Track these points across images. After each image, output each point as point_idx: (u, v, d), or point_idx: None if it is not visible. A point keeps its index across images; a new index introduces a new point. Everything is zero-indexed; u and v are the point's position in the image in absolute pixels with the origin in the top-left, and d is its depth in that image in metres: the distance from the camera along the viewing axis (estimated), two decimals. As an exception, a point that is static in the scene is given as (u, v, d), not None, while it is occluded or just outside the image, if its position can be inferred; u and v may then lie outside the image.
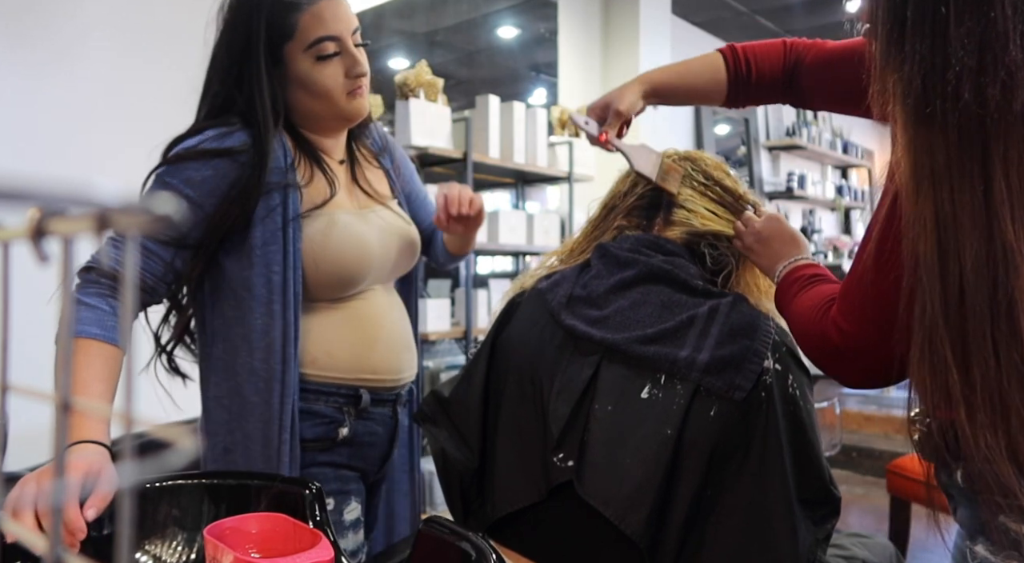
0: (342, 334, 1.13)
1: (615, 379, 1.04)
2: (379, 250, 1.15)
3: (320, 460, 1.12)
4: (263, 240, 1.06)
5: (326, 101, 1.12)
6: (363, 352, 1.14)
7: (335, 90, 1.11)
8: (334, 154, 1.20)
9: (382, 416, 1.19)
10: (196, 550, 0.90)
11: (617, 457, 1.02)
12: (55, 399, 0.22)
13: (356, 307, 1.15)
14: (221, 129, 1.07)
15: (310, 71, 1.10)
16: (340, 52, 1.10)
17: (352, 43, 1.11)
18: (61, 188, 0.20)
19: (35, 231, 0.21)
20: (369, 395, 1.15)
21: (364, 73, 1.12)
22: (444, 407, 1.19)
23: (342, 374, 1.13)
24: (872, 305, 0.77)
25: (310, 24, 1.08)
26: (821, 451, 1.01)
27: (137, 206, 0.20)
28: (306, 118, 1.15)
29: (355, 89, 1.12)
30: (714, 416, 0.98)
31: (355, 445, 1.16)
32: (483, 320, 2.79)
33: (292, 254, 1.06)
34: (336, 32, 1.09)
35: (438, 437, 1.18)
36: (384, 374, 1.17)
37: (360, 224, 1.14)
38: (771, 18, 4.70)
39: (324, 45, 1.08)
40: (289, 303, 1.07)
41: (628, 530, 0.98)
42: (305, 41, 1.08)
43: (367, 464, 1.19)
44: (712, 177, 1.18)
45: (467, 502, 1.17)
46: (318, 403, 1.11)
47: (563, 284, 1.15)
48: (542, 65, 3.75)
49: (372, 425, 1.18)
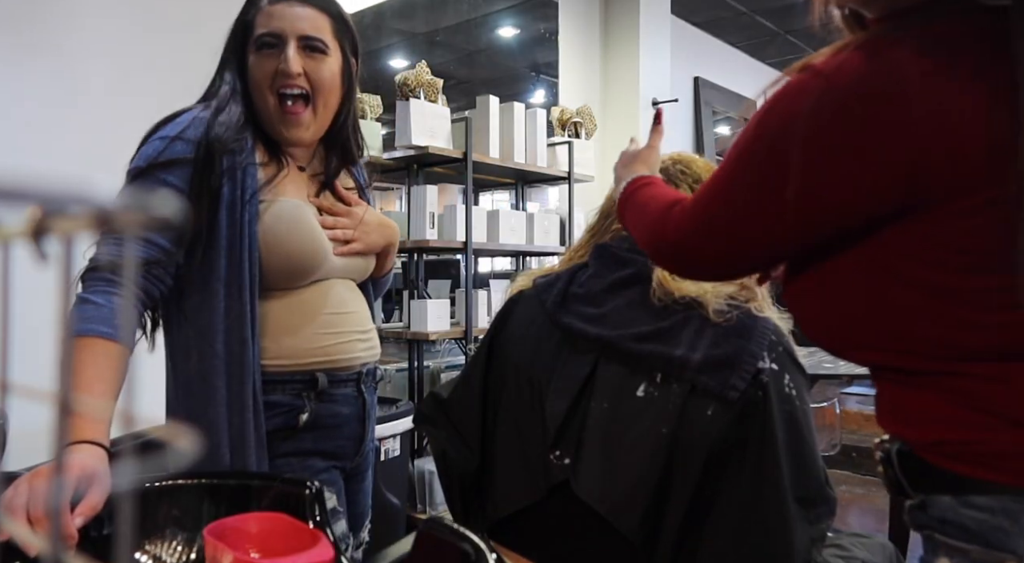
0: (294, 321, 1.13)
1: (611, 377, 1.05)
2: (328, 241, 1.15)
3: (283, 450, 1.11)
4: (229, 222, 1.07)
5: (259, 94, 1.12)
6: (316, 337, 1.14)
7: (262, 82, 1.11)
8: (295, 158, 1.20)
9: (345, 397, 1.18)
10: (196, 550, 0.90)
11: (613, 455, 1.02)
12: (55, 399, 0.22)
13: (307, 294, 1.15)
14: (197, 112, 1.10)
15: (251, 62, 1.12)
16: (276, 46, 1.10)
17: (296, 45, 1.10)
18: (61, 187, 0.20)
19: (35, 230, 0.21)
20: (326, 377, 1.14)
21: (289, 73, 1.09)
22: (443, 408, 1.19)
23: (295, 360, 1.12)
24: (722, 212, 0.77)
25: (260, 21, 1.11)
26: (817, 451, 1.01)
27: (137, 206, 0.20)
28: (262, 119, 1.15)
29: (282, 89, 1.11)
30: (711, 415, 0.98)
31: (319, 429, 1.15)
32: (483, 320, 2.79)
33: (247, 235, 1.07)
34: (278, 29, 1.10)
35: (438, 438, 1.17)
36: (338, 356, 1.16)
37: (312, 211, 1.15)
38: (771, 18, 4.70)
39: (264, 39, 1.11)
40: (245, 286, 1.07)
41: (623, 528, 0.98)
42: (255, 34, 1.12)
43: (337, 447, 1.18)
44: (702, 180, 1.18)
45: (467, 502, 1.17)
46: (275, 393, 1.11)
47: (558, 283, 1.15)
48: (542, 65, 3.75)
49: (335, 406, 1.16)
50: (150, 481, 0.92)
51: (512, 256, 3.31)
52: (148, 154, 1.07)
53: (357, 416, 1.20)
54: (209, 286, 1.07)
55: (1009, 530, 0.66)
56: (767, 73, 5.56)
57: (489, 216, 2.89)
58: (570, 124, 3.36)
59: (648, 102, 3.92)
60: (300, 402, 1.13)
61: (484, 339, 1.21)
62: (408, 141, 2.52)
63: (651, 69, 3.96)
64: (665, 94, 4.01)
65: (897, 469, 0.73)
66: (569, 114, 3.37)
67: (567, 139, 3.29)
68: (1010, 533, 0.66)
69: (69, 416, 0.22)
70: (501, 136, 2.95)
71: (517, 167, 3.01)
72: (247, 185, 1.08)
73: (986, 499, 0.67)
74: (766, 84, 0.75)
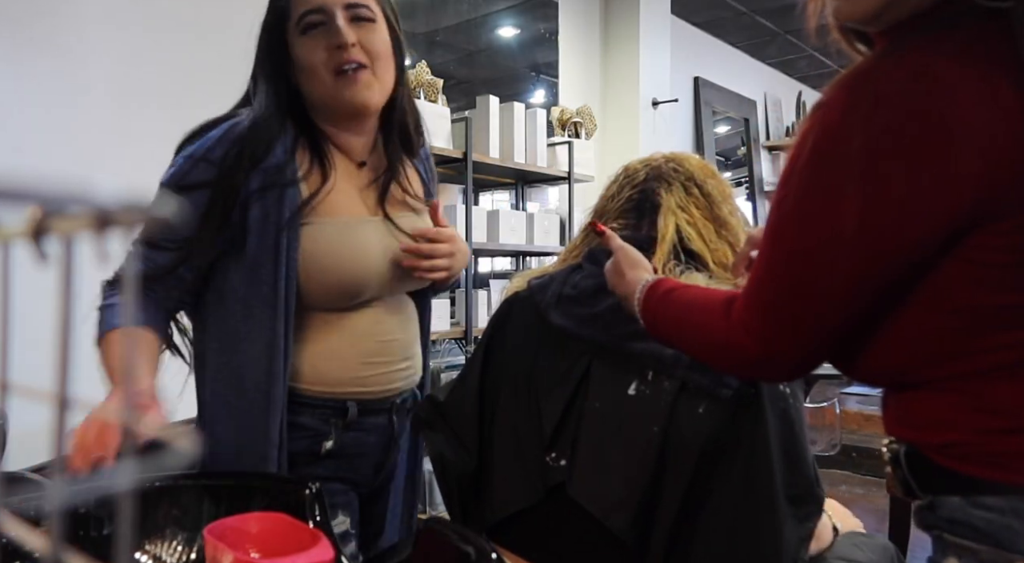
0: (334, 348, 1.08)
1: (604, 377, 1.05)
2: (381, 266, 1.09)
3: (303, 473, 1.08)
4: (258, 244, 1.02)
5: (316, 80, 1.04)
6: (354, 367, 1.10)
7: (317, 67, 1.02)
8: (353, 153, 1.12)
9: (374, 426, 1.15)
10: (196, 550, 0.90)
11: (605, 455, 1.02)
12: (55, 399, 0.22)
13: (351, 320, 1.10)
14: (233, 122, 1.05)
15: (297, 48, 1.03)
16: (324, 23, 1.02)
17: (344, 16, 1.02)
18: (61, 187, 0.20)
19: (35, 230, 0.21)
20: (357, 407, 1.11)
21: (343, 43, 1.01)
22: (440, 411, 1.19)
23: (329, 388, 1.09)
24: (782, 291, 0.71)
25: (298, 1, 1.03)
26: (809, 449, 1.01)
27: (137, 205, 0.20)
28: (318, 108, 1.08)
29: (341, 66, 1.02)
30: (703, 413, 0.98)
31: (342, 457, 1.12)
32: (483, 320, 2.79)
33: (285, 262, 1.02)
34: (319, 3, 1.01)
35: (435, 442, 1.18)
36: (374, 387, 1.12)
37: (361, 235, 1.08)
38: (771, 18, 4.70)
39: (309, 18, 1.02)
40: (279, 314, 1.02)
41: (615, 528, 0.98)
42: (295, 17, 1.03)
43: (356, 475, 1.15)
44: (695, 179, 1.17)
45: (465, 504, 1.17)
46: (303, 415, 1.08)
47: (552, 285, 1.15)
48: (542, 65, 3.75)
49: (362, 435, 1.13)
50: (150, 481, 0.92)
51: (512, 256, 3.31)
52: (173, 173, 1.04)
53: (383, 445, 1.17)
54: (247, 307, 1.04)
55: (1019, 530, 0.66)
56: (767, 73, 5.57)
57: (489, 216, 2.89)
58: (570, 124, 3.36)
59: (648, 102, 3.92)
60: (326, 428, 1.09)
61: (480, 341, 1.21)
62: (408, 141, 2.52)
63: (651, 69, 3.96)
64: (665, 94, 4.01)
65: (906, 470, 0.73)
66: (569, 114, 3.37)
67: (567, 139, 3.29)
68: (1020, 533, 0.66)
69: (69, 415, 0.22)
70: (501, 136, 2.95)
71: (517, 167, 3.01)
72: (284, 207, 1.02)
73: (996, 499, 0.67)
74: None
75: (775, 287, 0.72)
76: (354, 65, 1.03)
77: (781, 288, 0.71)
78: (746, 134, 5.19)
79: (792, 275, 0.70)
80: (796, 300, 0.70)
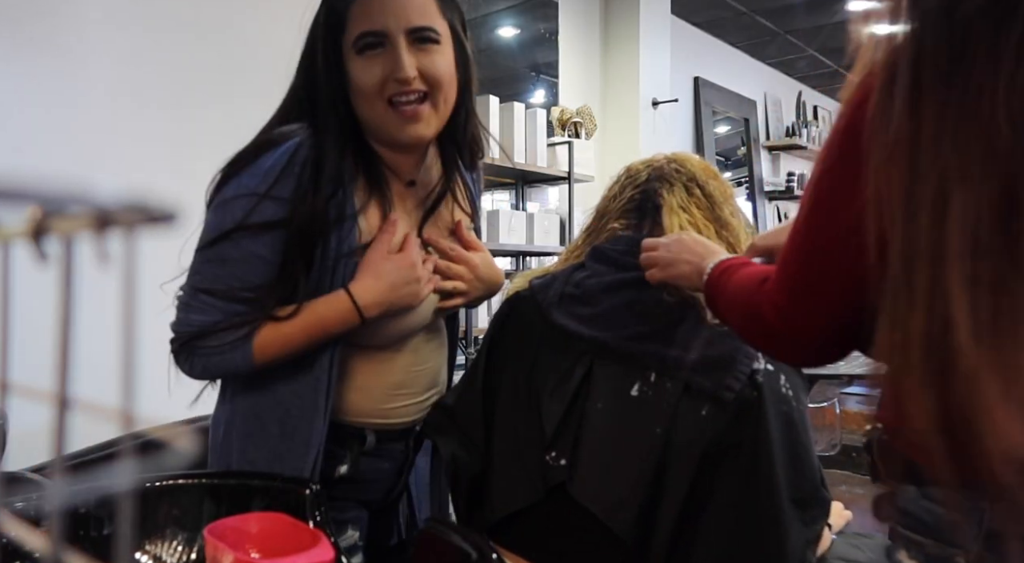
0: (359, 376, 1.06)
1: (607, 377, 1.05)
2: (427, 304, 1.06)
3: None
4: (317, 278, 0.97)
5: (367, 105, 0.97)
6: (381, 398, 1.08)
7: (370, 91, 0.96)
8: (402, 172, 1.06)
9: (391, 453, 1.13)
10: (196, 550, 0.90)
11: (607, 455, 1.02)
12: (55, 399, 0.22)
13: (387, 356, 1.07)
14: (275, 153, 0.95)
15: (351, 68, 0.97)
16: (383, 46, 0.95)
17: (407, 42, 0.95)
18: (61, 187, 0.20)
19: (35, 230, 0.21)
20: (375, 437, 1.09)
21: (405, 77, 0.94)
22: (450, 415, 1.19)
23: (349, 416, 1.07)
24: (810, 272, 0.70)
25: (357, 16, 0.96)
26: (813, 452, 1.01)
27: (137, 205, 0.20)
28: (367, 130, 1.01)
29: (398, 96, 0.96)
30: (705, 415, 0.98)
31: (356, 482, 1.09)
32: (483, 320, 2.79)
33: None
34: (381, 26, 0.95)
35: (448, 444, 1.18)
36: (397, 418, 1.10)
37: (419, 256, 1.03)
38: (771, 18, 4.70)
39: (367, 39, 0.95)
40: (327, 349, 0.99)
41: (616, 528, 0.98)
42: (352, 35, 0.96)
43: (366, 497, 1.13)
44: (697, 180, 1.17)
45: (470, 504, 1.18)
46: None
47: (554, 284, 1.15)
48: (542, 65, 3.75)
49: (379, 461, 1.11)
50: (150, 481, 0.92)
51: (512, 256, 3.31)
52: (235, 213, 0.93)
53: (397, 470, 1.15)
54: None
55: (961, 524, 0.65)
56: (767, 73, 5.57)
57: (489, 216, 2.89)
58: (570, 124, 3.37)
59: (648, 102, 3.92)
60: (342, 452, 1.07)
61: (483, 341, 1.21)
62: (408, 141, 2.52)
63: (651, 69, 3.96)
64: (665, 94, 4.01)
65: (875, 454, 0.72)
66: (569, 114, 3.37)
67: (567, 139, 3.29)
68: (962, 527, 0.65)
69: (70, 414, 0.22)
70: (501, 136, 2.95)
71: (517, 167, 3.01)
72: (343, 241, 0.97)
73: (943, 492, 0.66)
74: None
75: (796, 262, 0.72)
76: (412, 97, 0.97)
77: (801, 264, 0.71)
78: (746, 134, 5.19)
79: (811, 251, 0.70)
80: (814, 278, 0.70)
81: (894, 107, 0.60)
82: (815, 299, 0.71)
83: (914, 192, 0.59)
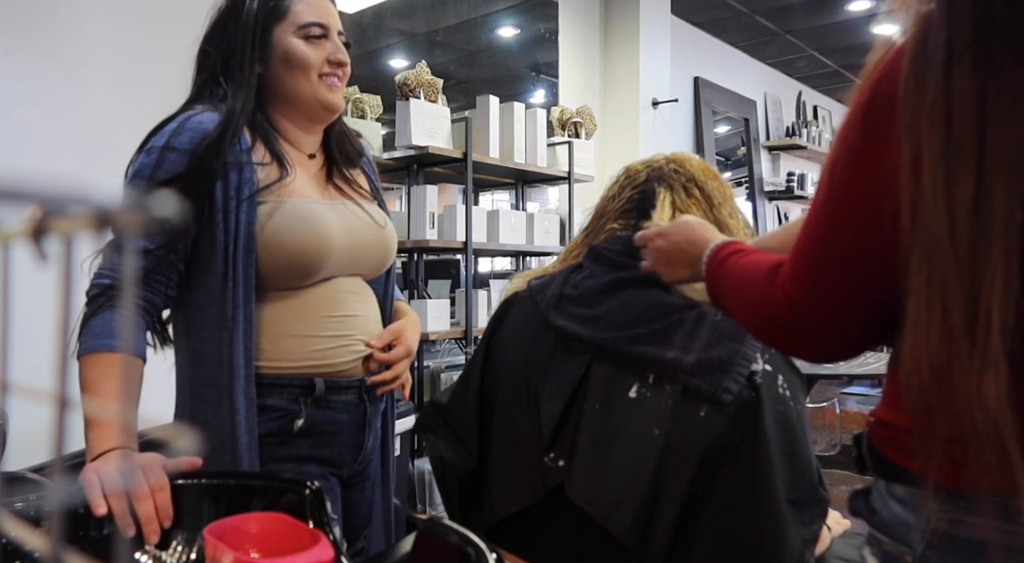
0: (290, 323, 1.11)
1: (604, 378, 1.05)
2: (342, 240, 1.13)
3: (278, 455, 1.10)
4: (223, 223, 1.06)
5: (302, 76, 1.15)
6: (313, 341, 1.12)
7: (314, 67, 1.16)
8: (303, 147, 1.21)
9: (345, 404, 1.16)
10: (196, 550, 0.90)
11: (605, 457, 1.02)
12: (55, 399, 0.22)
13: (309, 296, 1.13)
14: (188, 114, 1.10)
15: (295, 46, 1.15)
16: (326, 37, 1.17)
17: (337, 38, 1.19)
18: (61, 188, 0.20)
19: (35, 231, 0.21)
20: (324, 383, 1.13)
21: (344, 62, 1.19)
22: (443, 414, 1.19)
23: (291, 363, 1.11)
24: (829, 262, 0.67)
25: (302, 9, 1.16)
26: (812, 452, 1.01)
27: (137, 206, 0.20)
28: (280, 100, 1.17)
29: (331, 75, 1.17)
30: (703, 417, 0.98)
31: (315, 435, 1.13)
32: (483, 320, 2.79)
33: (243, 237, 1.06)
34: (324, 21, 1.17)
35: (437, 446, 1.18)
36: (337, 361, 1.14)
37: (321, 210, 1.13)
38: (771, 18, 4.70)
39: (313, 28, 1.16)
40: (239, 285, 1.06)
41: (614, 530, 0.98)
42: (295, 23, 1.15)
43: (335, 454, 1.16)
44: (696, 180, 1.17)
45: (466, 505, 1.18)
46: (271, 397, 1.10)
47: (553, 285, 1.15)
48: (542, 65, 3.75)
49: (333, 414, 1.15)
50: (150, 481, 0.92)
51: (512, 256, 3.31)
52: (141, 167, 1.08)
53: (357, 423, 1.18)
54: (207, 287, 1.07)
55: (912, 525, 0.65)
56: (767, 73, 5.57)
57: (489, 216, 2.89)
58: (570, 124, 3.36)
59: (648, 102, 3.92)
60: (296, 407, 1.11)
61: (481, 341, 1.21)
62: (408, 141, 2.52)
63: (651, 69, 3.96)
64: (665, 94, 4.01)
65: (864, 448, 0.72)
66: (569, 114, 3.37)
67: (567, 139, 3.29)
68: (912, 528, 0.65)
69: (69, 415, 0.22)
70: (501, 136, 2.95)
71: (517, 167, 3.01)
72: (243, 185, 1.07)
73: (903, 490, 0.67)
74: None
75: (813, 252, 0.69)
76: (339, 76, 1.20)
77: (818, 254, 0.69)
78: (746, 134, 5.19)
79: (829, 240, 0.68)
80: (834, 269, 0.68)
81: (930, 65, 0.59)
82: (834, 291, 0.68)
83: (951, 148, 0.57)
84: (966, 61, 0.58)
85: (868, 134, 0.65)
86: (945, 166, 0.58)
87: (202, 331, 1.08)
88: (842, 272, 0.67)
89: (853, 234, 0.66)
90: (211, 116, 1.09)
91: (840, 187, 0.67)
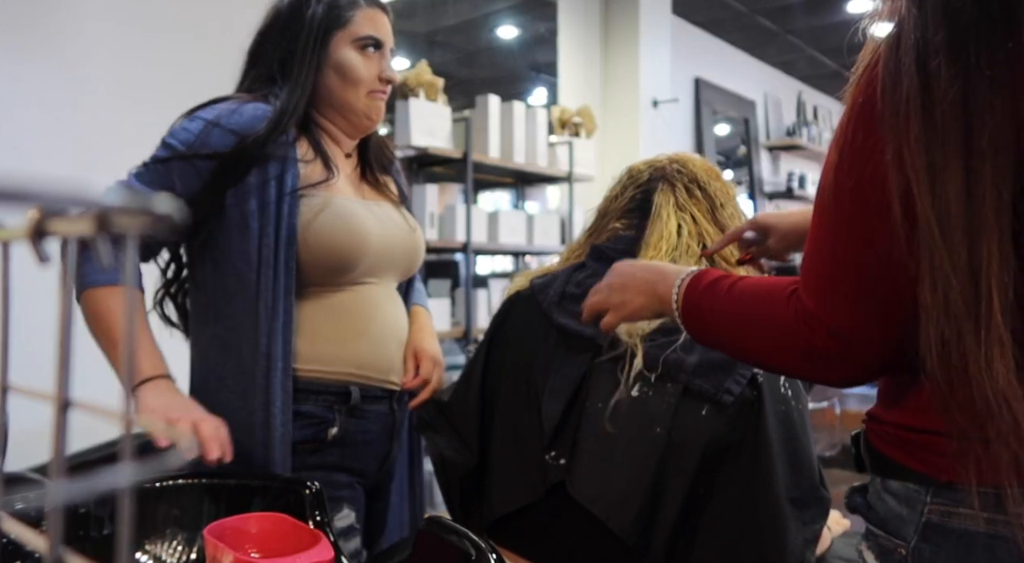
0: (328, 325, 1.11)
1: (606, 377, 1.05)
2: (377, 240, 1.14)
3: (309, 463, 1.09)
4: (259, 212, 1.06)
5: (353, 90, 1.17)
6: (348, 344, 1.12)
7: (365, 81, 1.17)
8: (343, 146, 1.23)
9: (377, 414, 1.16)
10: (196, 550, 0.90)
11: (607, 455, 1.02)
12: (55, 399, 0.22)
13: (345, 299, 1.13)
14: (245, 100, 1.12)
15: (350, 58, 1.16)
16: (380, 52, 1.19)
17: (388, 54, 1.22)
18: (61, 188, 0.20)
19: (35, 231, 0.21)
20: (359, 392, 1.12)
21: (394, 79, 1.21)
22: (444, 412, 1.19)
23: (328, 368, 1.10)
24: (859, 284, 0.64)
25: (363, 21, 1.17)
26: (813, 452, 1.01)
27: (137, 206, 0.20)
28: (328, 105, 1.19)
29: (379, 91, 1.19)
30: (705, 416, 0.98)
31: (347, 445, 1.13)
32: (483, 320, 2.79)
33: (285, 229, 1.06)
34: (380, 36, 1.19)
35: (438, 443, 1.18)
36: (372, 370, 1.14)
37: (360, 210, 1.14)
38: (771, 18, 4.70)
39: (369, 41, 1.18)
40: (280, 276, 1.06)
41: (616, 528, 0.98)
42: (355, 34, 1.16)
43: (363, 464, 1.16)
44: (699, 181, 1.17)
45: (467, 504, 1.18)
46: (306, 403, 1.09)
47: (555, 284, 1.15)
48: (542, 65, 3.75)
49: (366, 423, 1.15)
50: (150, 481, 0.92)
51: (512, 256, 3.31)
52: (186, 135, 1.08)
53: (386, 434, 1.19)
54: (239, 274, 1.07)
55: (906, 518, 0.66)
56: (767, 73, 5.57)
57: (489, 216, 2.89)
58: (570, 124, 3.36)
59: (648, 102, 3.92)
60: (331, 415, 1.11)
61: (483, 340, 1.21)
62: (408, 141, 2.52)
63: (651, 69, 3.96)
64: (665, 94, 4.01)
65: (861, 446, 0.73)
66: (569, 114, 3.37)
67: (567, 139, 3.29)
68: (906, 521, 0.66)
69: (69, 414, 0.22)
70: (501, 136, 2.95)
71: (517, 167, 3.01)
72: (285, 177, 1.08)
73: (898, 485, 0.68)
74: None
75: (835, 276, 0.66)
76: (387, 94, 1.22)
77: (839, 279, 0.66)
78: (746, 134, 5.19)
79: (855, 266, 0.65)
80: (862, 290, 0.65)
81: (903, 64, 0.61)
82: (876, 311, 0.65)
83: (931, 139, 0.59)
84: (941, 56, 0.59)
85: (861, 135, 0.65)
86: (927, 156, 0.59)
87: (231, 318, 1.07)
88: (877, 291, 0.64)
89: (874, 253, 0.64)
90: (265, 109, 1.10)
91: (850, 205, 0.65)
